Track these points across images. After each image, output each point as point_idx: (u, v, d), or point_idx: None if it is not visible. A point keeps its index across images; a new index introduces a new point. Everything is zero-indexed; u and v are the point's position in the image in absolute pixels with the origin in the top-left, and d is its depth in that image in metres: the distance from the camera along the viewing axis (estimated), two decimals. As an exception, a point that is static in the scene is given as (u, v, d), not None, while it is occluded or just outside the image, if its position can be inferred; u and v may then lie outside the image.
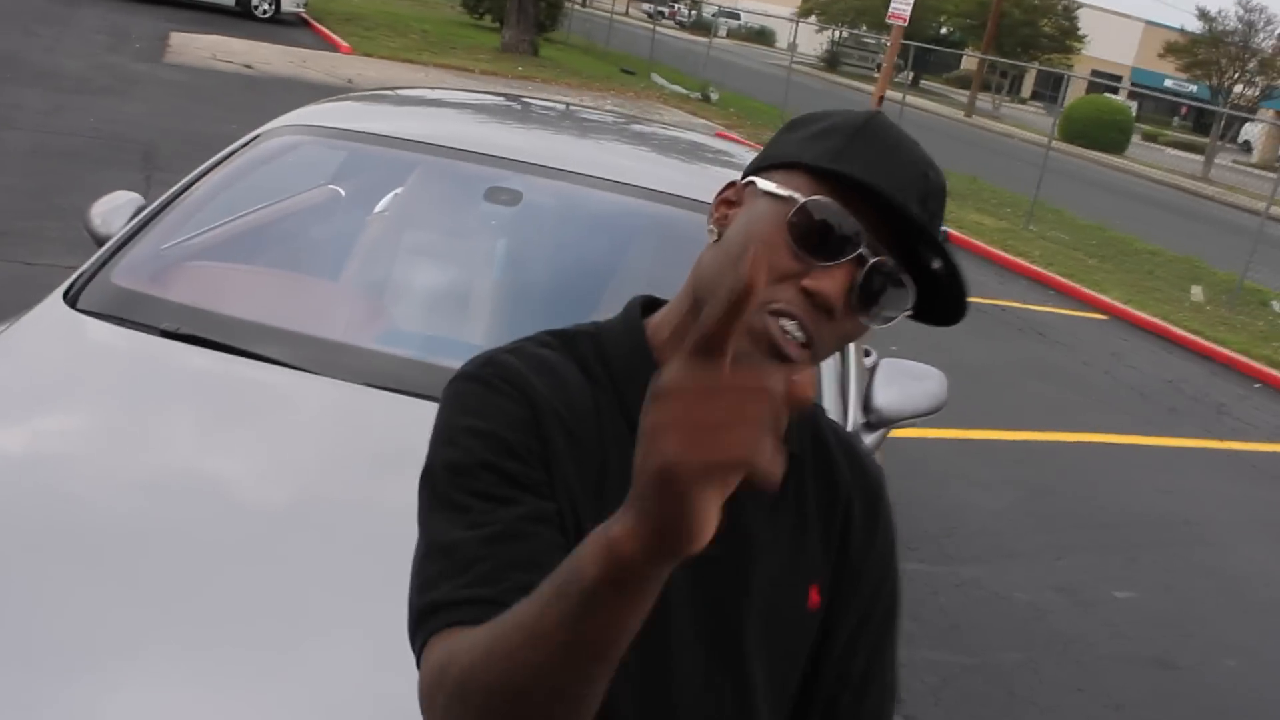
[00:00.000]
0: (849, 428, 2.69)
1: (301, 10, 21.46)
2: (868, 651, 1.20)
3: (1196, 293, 11.73)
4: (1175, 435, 6.99)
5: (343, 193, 3.49)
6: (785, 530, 1.14)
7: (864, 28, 49.35)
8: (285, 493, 2.02)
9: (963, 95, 39.37)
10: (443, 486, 1.02)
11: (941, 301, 1.07)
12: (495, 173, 2.85)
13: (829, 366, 2.59)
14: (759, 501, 1.11)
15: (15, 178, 7.34)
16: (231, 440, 2.13)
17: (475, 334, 2.55)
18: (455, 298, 2.73)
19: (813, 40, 46.74)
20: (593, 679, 0.83)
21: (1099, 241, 13.97)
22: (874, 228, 1.02)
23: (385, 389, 2.22)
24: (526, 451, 1.02)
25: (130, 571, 1.74)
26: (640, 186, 2.81)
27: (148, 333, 2.34)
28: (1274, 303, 12.02)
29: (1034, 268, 11.35)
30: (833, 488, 1.17)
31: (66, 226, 5.99)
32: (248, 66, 14.42)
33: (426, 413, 1.09)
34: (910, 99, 19.50)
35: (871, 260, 1.02)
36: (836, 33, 49.83)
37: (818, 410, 1.21)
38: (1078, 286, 10.83)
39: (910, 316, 1.08)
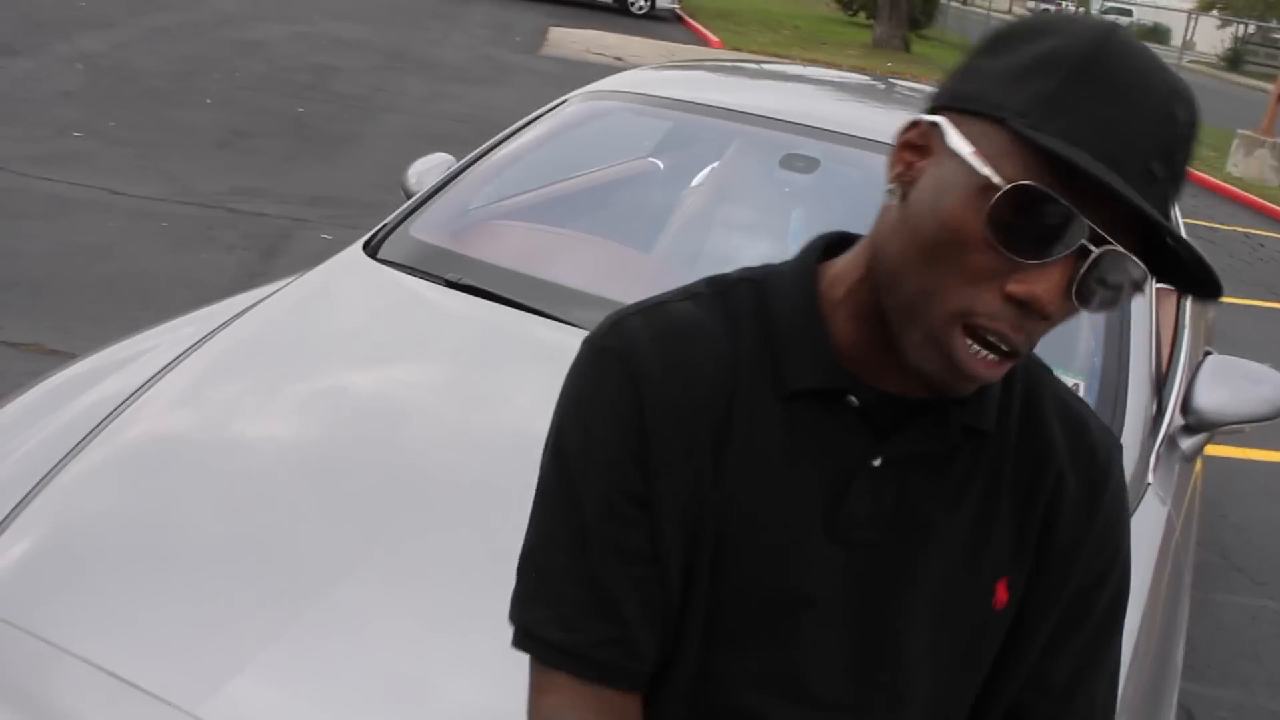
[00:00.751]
0: (1164, 429, 2.41)
1: (676, 6, 22.09)
2: (1076, 657, 1.02)
3: None
4: None
5: (662, 165, 3.50)
6: (968, 520, 0.97)
7: (1276, 21, 45.22)
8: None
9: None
10: (547, 477, 0.97)
11: (1186, 273, 0.85)
12: (791, 139, 2.75)
13: (1140, 355, 2.32)
14: (938, 486, 0.96)
15: (389, 156, 7.92)
16: (507, 391, 2.14)
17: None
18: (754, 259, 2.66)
19: (1212, 37, 43.30)
20: None
21: None
22: (1096, 204, 0.80)
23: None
24: (629, 460, 0.93)
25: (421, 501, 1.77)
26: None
27: (435, 283, 2.41)
28: None
29: None
30: (1040, 467, 0.98)
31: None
32: (618, 59, 14.95)
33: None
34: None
35: (1096, 252, 0.81)
36: (1242, 28, 45.91)
37: (1037, 375, 1.01)
38: None
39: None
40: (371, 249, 2.59)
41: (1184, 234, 0.80)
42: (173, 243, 5.67)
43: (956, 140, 0.84)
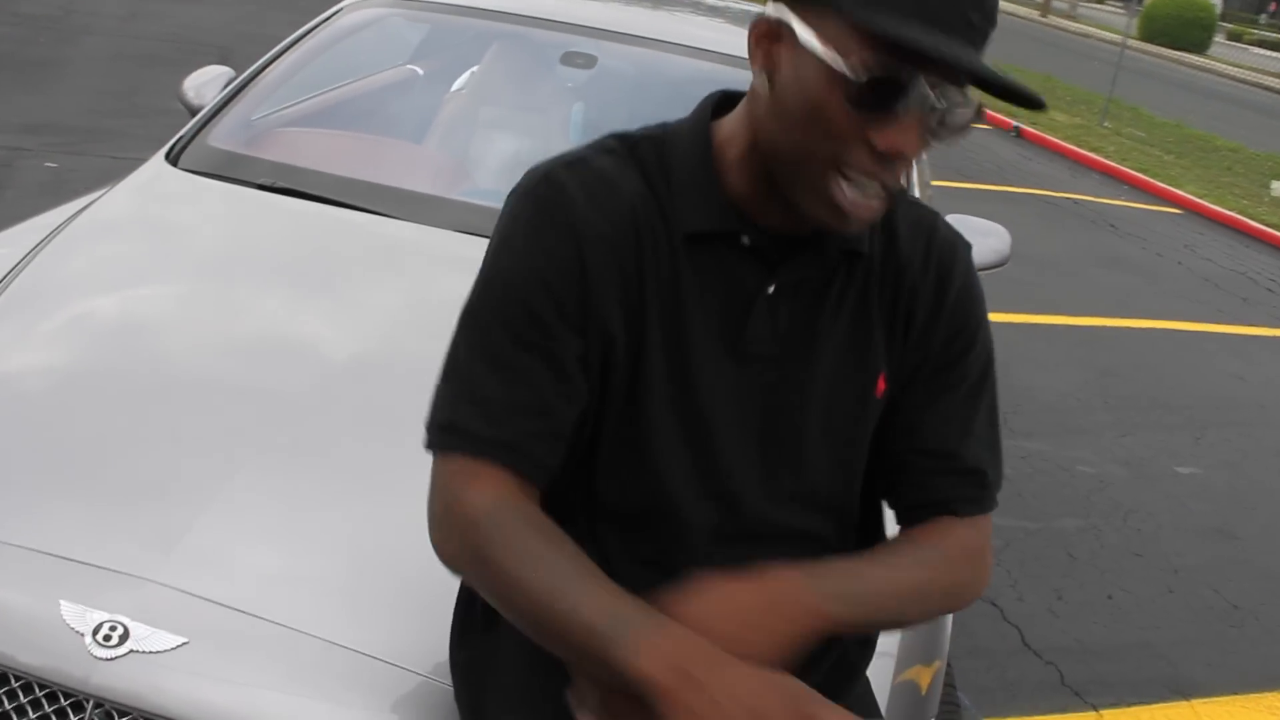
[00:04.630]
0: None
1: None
2: (951, 421, 1.21)
3: (1277, 188, 11.50)
4: (1249, 324, 6.95)
5: (420, 71, 3.62)
6: (848, 328, 1.18)
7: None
8: (377, 332, 2.14)
9: (1038, -5, 38.27)
10: (481, 307, 1.12)
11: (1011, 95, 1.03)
12: (571, 39, 2.95)
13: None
14: (821, 303, 1.17)
15: (99, 79, 7.55)
16: (325, 280, 2.26)
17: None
18: (534, 155, 2.85)
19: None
20: None
21: (1176, 139, 13.69)
22: (933, 63, 0.98)
23: (470, 234, 2.34)
24: (563, 289, 1.09)
25: (217, 408, 1.82)
26: (713, 51, 2.89)
27: (245, 187, 2.50)
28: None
29: (1108, 163, 11.19)
30: (899, 274, 1.19)
31: (149, 124, 6.17)
32: (317, -27, 14.49)
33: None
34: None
35: (937, 100, 1.00)
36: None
37: (896, 201, 1.18)
38: (1153, 181, 10.67)
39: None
40: (173, 159, 2.64)
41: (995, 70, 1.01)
42: (-118, 179, 5.30)
43: (806, 36, 1.01)
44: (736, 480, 1.19)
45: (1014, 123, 12.14)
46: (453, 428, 1.11)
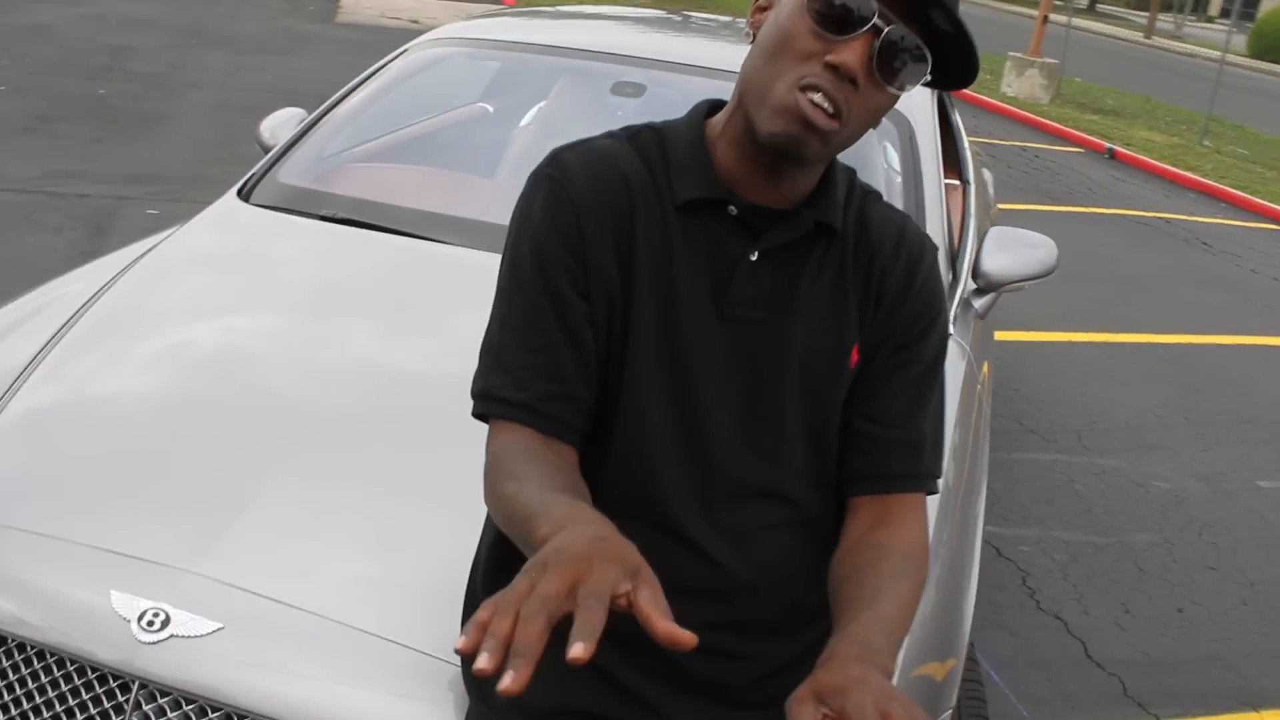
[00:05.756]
0: (959, 293, 2.84)
1: (465, -33, 21.94)
2: (905, 401, 1.32)
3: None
4: (1345, 339, 6.78)
5: (491, 109, 3.77)
6: (825, 296, 1.29)
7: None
8: (440, 352, 2.25)
9: (1141, 17, 37.63)
10: (503, 278, 1.28)
11: (957, 63, 1.20)
12: (623, 70, 3.08)
13: (934, 231, 2.73)
14: (801, 271, 1.28)
15: (202, 130, 7.92)
16: (393, 306, 2.38)
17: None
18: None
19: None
20: None
21: (1280, 155, 13.38)
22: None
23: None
24: (569, 257, 1.24)
25: (285, 422, 1.97)
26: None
27: (312, 219, 2.65)
28: None
29: (1205, 181, 10.97)
30: (871, 259, 1.31)
31: (247, 171, 6.48)
32: (414, 22, 14.94)
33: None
34: (1080, 22, 18.84)
35: (886, 29, 1.15)
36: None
37: (868, 197, 1.34)
38: (1250, 198, 10.43)
39: (929, 84, 1.22)
40: (244, 195, 2.81)
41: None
42: (-2, 228, 5.65)
43: None
44: (718, 438, 1.28)
45: (1107, 144, 11.98)
46: (488, 395, 1.26)
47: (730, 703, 1.34)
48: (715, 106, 1.35)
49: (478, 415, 1.27)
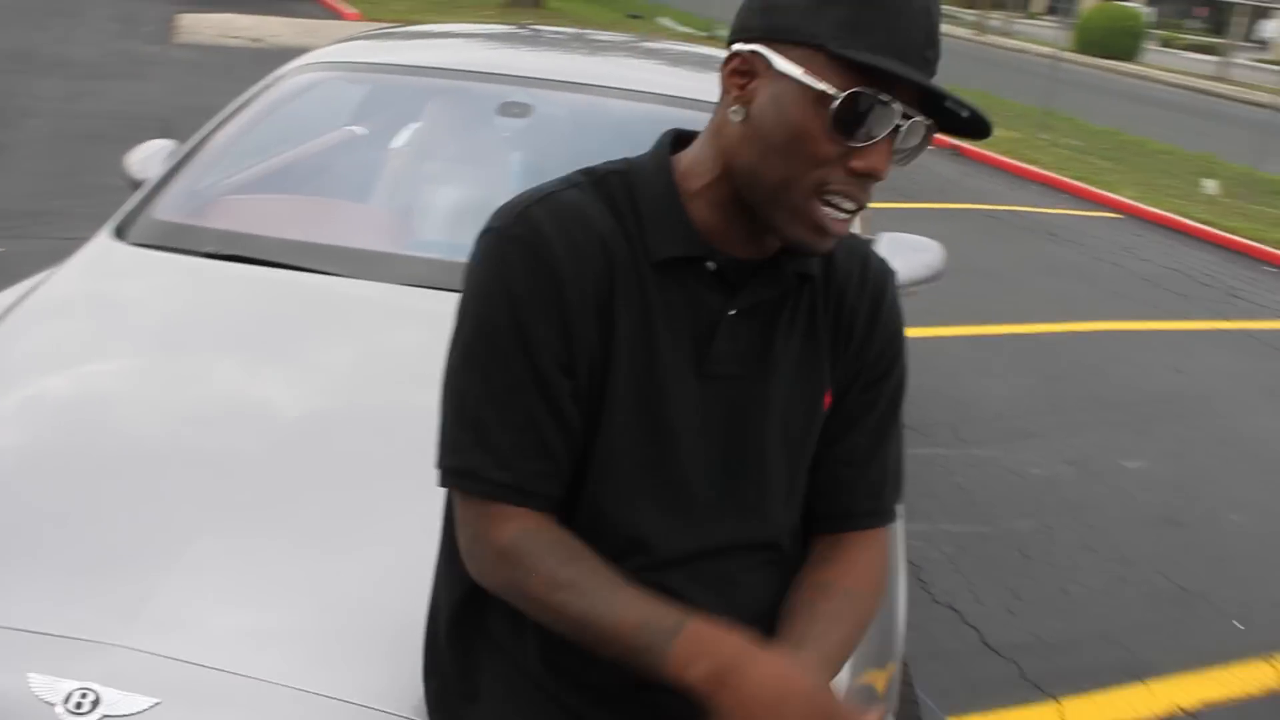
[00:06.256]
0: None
1: (304, -18, 21.47)
2: (869, 434, 1.34)
3: (1209, 186, 11.79)
4: (1186, 319, 7.13)
5: (362, 131, 3.71)
6: (798, 344, 1.28)
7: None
8: (330, 388, 2.20)
9: (969, 14, 38.92)
10: (476, 346, 1.20)
11: (962, 124, 1.16)
12: (507, 90, 3.05)
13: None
14: (776, 325, 1.26)
15: (43, 162, 7.59)
16: (276, 342, 2.33)
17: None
18: (478, 207, 2.94)
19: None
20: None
21: (1112, 145, 13.99)
22: (900, 92, 1.10)
23: (419, 286, 2.41)
24: (552, 335, 1.18)
25: (171, 475, 1.87)
26: (649, 92, 2.98)
27: (193, 257, 2.57)
28: (1288, 190, 12.06)
29: (1045, 173, 11.43)
30: (840, 299, 1.30)
31: (94, 202, 6.19)
32: (256, 40, 14.59)
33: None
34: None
35: (905, 125, 1.11)
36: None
37: None
38: (1089, 188, 10.91)
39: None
40: (120, 234, 2.71)
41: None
42: None
43: (786, 65, 1.11)
44: (699, 498, 1.26)
45: (953, 141, 12.36)
46: (471, 474, 1.21)
47: None
48: (678, 139, 1.29)
49: (450, 488, 1.24)
